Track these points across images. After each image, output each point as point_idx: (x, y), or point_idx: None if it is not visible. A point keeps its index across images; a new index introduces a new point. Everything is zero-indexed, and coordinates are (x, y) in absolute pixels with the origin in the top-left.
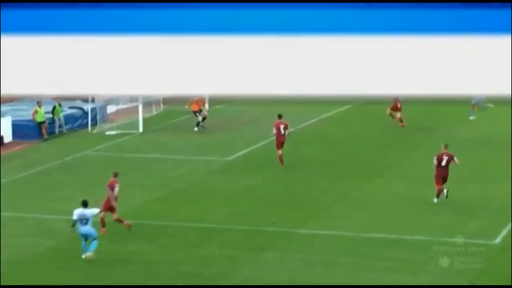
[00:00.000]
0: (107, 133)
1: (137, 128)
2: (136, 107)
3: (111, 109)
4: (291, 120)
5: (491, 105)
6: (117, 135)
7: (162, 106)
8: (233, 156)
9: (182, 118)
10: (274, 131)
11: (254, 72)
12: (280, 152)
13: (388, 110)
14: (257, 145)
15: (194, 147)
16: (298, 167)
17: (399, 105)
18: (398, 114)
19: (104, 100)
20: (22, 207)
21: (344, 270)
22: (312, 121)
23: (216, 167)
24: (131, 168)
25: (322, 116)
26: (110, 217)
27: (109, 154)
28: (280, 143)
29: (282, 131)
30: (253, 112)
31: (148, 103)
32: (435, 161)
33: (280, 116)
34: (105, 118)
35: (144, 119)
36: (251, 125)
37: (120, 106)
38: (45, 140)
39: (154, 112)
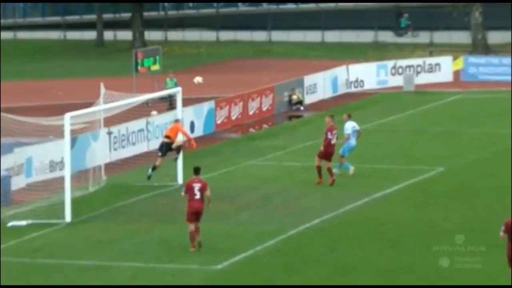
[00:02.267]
0: (11, 224)
1: (62, 215)
2: (61, 179)
3: (18, 182)
4: (325, 202)
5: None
6: (27, 227)
7: (103, 177)
8: (224, 263)
9: (135, 198)
10: (183, 192)
11: None
12: (193, 226)
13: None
14: (265, 244)
15: (158, 248)
16: (337, 276)
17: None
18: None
19: (6, 168)
20: None
21: None
22: (359, 202)
23: (196, 281)
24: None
25: (377, 194)
26: None
27: (13, 260)
28: (193, 213)
29: (198, 195)
30: (257, 186)
31: (83, 172)
32: (502, 233)
33: (197, 171)
34: (8, 199)
35: (74, 200)
36: (253, 207)
37: (34, 178)
38: None
39: (91, 188)
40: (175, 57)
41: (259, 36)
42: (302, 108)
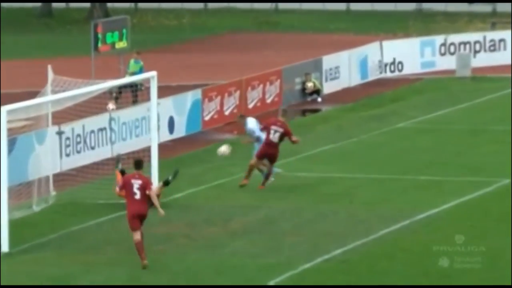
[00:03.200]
0: None
1: None
2: None
3: None
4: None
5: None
6: None
7: (52, 192)
8: None
9: (95, 220)
10: (118, 189)
11: None
12: (138, 236)
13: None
14: (270, 282)
15: (124, 280)
16: None
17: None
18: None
19: None
20: None
21: None
22: (396, 226)
23: None
24: None
25: (419, 216)
26: None
27: None
28: (136, 218)
29: (138, 194)
30: (259, 205)
31: (25, 185)
32: None
33: (138, 165)
34: None
35: (14, 223)
36: (253, 233)
37: None
38: None
39: (36, 207)
40: (148, 30)
41: (262, 3)
42: (319, 99)
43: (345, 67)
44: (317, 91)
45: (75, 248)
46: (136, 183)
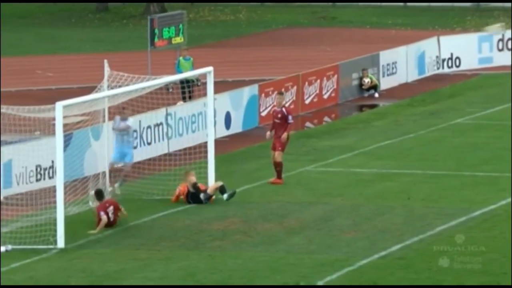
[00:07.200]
0: None
1: (53, 239)
2: (51, 191)
3: None
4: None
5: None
6: (6, 256)
7: (108, 188)
8: None
9: (150, 216)
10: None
11: None
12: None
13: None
14: (327, 278)
15: (181, 283)
16: None
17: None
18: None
19: None
20: None
21: None
22: (453, 222)
23: None
24: None
25: (476, 212)
26: None
27: None
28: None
29: (112, 215)
30: (315, 201)
31: (81, 181)
32: None
33: (100, 195)
34: None
35: (70, 219)
36: (309, 229)
37: (15, 189)
38: None
39: (92, 203)
40: (205, 25)
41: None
42: (376, 95)
43: (403, 63)
44: (374, 87)
45: (131, 244)
46: (110, 209)
